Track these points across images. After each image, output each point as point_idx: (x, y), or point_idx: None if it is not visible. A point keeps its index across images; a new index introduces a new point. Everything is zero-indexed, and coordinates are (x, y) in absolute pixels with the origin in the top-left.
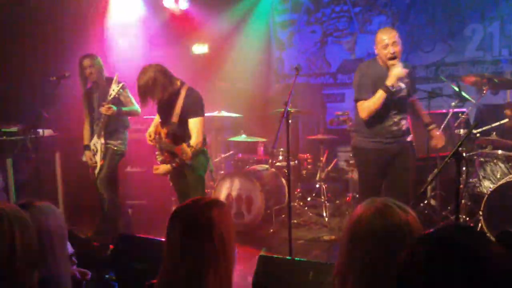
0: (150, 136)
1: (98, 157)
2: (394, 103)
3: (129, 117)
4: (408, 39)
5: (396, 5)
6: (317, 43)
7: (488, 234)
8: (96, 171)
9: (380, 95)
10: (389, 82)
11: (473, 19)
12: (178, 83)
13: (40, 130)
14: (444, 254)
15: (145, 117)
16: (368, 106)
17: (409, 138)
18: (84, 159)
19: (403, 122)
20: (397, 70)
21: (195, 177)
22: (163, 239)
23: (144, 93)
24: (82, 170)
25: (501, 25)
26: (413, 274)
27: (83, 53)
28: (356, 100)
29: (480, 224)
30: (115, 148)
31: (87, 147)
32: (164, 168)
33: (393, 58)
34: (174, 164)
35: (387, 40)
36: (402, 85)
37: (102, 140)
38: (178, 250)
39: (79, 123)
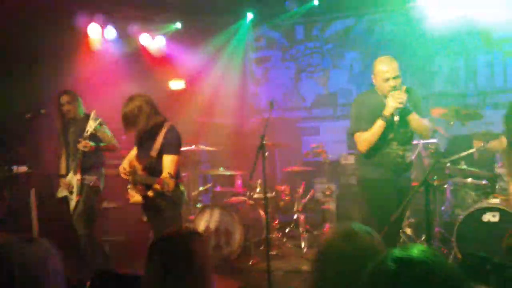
0: (124, 169)
1: (74, 194)
2: (395, 134)
3: (106, 153)
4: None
5: (366, 41)
6: (291, 78)
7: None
8: (72, 207)
9: (379, 125)
10: (387, 111)
11: (440, 54)
12: (162, 118)
13: (15, 167)
14: (404, 275)
15: (121, 152)
16: (367, 138)
17: (412, 175)
18: (59, 195)
19: (408, 154)
20: (396, 98)
21: (172, 211)
22: (140, 275)
23: (128, 120)
24: (57, 207)
25: (465, 60)
26: None
27: (59, 90)
28: (353, 132)
29: (453, 251)
30: (91, 184)
31: (63, 176)
32: (139, 197)
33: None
34: (149, 194)
35: (388, 74)
36: (396, 118)
37: (78, 176)
38: (157, 283)
39: (54, 159)
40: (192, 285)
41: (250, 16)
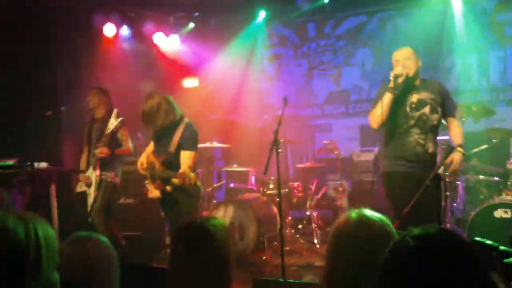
0: (142, 164)
1: (92, 189)
2: (416, 120)
3: None
4: (390, 71)
5: (379, 38)
6: (303, 76)
7: None
8: (90, 202)
9: (386, 97)
10: (391, 83)
11: (452, 51)
12: (180, 115)
13: (36, 163)
14: (423, 249)
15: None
16: (376, 112)
17: (439, 170)
18: (77, 189)
19: (429, 144)
20: (396, 69)
21: (190, 205)
22: (164, 267)
23: (147, 117)
24: (76, 202)
25: (478, 57)
26: (395, 270)
27: (78, 87)
28: (370, 112)
29: None
30: (109, 179)
31: (83, 172)
32: (157, 192)
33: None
34: (168, 188)
35: (397, 56)
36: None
37: (97, 172)
38: (182, 269)
39: (73, 156)
40: (215, 271)
41: (262, 14)
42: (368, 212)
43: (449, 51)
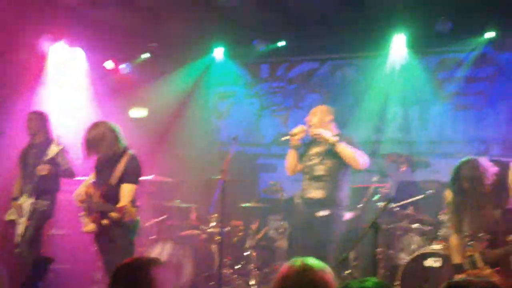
0: (79, 196)
1: (24, 217)
2: (307, 168)
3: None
4: (337, 117)
5: (328, 85)
6: (254, 115)
7: None
8: (20, 231)
9: (288, 153)
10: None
11: (395, 102)
12: (124, 146)
13: None
14: None
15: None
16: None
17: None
18: (7, 218)
19: (317, 190)
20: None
21: (126, 241)
22: None
23: (90, 146)
24: (5, 231)
25: (419, 110)
26: None
27: (18, 110)
28: None
29: None
30: (43, 209)
31: (16, 199)
32: (93, 225)
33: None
34: (105, 222)
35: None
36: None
37: (32, 200)
38: None
39: (5, 182)
40: None
41: (218, 51)
42: (311, 261)
43: (392, 102)
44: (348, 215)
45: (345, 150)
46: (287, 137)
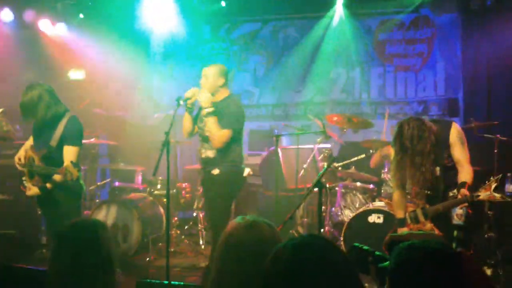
0: (19, 159)
1: None
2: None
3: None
4: (281, 78)
5: (271, 47)
6: (196, 77)
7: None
8: None
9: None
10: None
11: (338, 63)
12: (63, 108)
13: None
14: (301, 256)
15: (16, 142)
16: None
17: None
18: None
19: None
20: (186, 92)
21: (71, 204)
22: (41, 269)
23: (26, 109)
24: None
25: (361, 71)
26: (276, 278)
27: None
28: None
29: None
30: None
31: None
32: (36, 189)
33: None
34: (48, 185)
35: (204, 72)
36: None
37: None
38: (65, 271)
39: None
40: (98, 273)
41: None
42: (257, 218)
43: (335, 63)
44: (246, 171)
45: (211, 126)
46: (182, 102)
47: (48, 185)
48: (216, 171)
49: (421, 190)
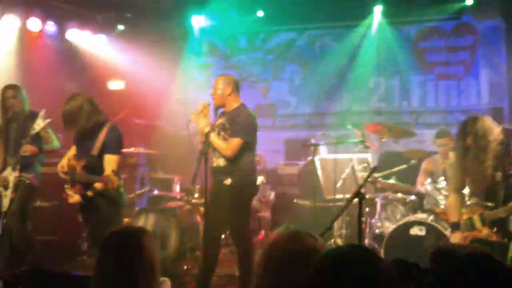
0: (62, 168)
1: (9, 190)
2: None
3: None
4: (317, 87)
5: (307, 55)
6: None
7: None
8: (6, 204)
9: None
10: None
11: (376, 72)
12: (103, 117)
13: None
14: (343, 266)
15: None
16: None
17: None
18: None
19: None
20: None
21: (112, 212)
22: (86, 275)
23: (68, 119)
24: None
25: (401, 80)
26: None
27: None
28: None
29: None
30: (28, 181)
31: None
32: (78, 197)
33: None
34: (89, 193)
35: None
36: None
37: (16, 173)
38: (109, 277)
39: None
40: (142, 279)
41: (195, 22)
42: (299, 228)
43: (373, 72)
44: (259, 180)
45: (213, 141)
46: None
47: (89, 193)
48: (228, 181)
49: (479, 190)
